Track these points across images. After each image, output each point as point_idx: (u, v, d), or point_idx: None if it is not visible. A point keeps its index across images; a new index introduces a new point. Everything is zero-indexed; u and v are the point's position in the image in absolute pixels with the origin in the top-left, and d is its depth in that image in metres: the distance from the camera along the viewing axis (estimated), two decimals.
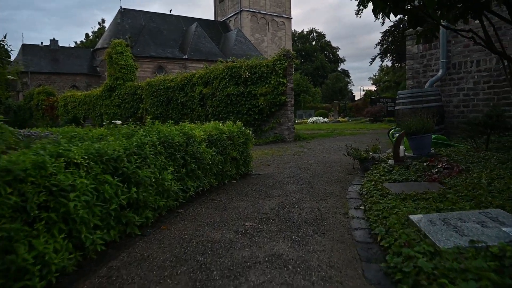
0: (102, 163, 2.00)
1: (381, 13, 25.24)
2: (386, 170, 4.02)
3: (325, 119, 22.75)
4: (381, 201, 2.74)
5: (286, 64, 9.70)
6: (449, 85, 7.30)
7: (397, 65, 34.93)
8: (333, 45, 67.48)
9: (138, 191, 2.22)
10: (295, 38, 61.56)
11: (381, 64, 25.16)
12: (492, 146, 5.19)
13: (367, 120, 17.14)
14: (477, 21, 3.58)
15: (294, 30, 62.60)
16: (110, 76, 15.55)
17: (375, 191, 3.08)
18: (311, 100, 36.22)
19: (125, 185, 2.12)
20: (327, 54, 65.49)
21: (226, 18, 49.50)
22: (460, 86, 7.15)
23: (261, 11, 48.00)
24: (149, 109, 13.72)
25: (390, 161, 4.41)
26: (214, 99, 11.14)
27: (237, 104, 10.57)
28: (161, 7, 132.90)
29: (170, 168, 2.74)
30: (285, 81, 9.73)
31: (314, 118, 22.84)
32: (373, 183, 3.43)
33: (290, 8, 51.16)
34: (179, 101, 12.50)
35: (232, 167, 4.30)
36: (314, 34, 66.77)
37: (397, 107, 7.21)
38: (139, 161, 2.33)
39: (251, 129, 10.06)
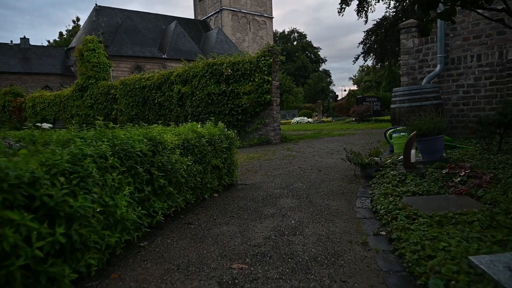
0: (2, 191, 1.25)
1: (364, 12, 25.05)
2: (397, 179, 3.37)
3: (309, 119, 22.22)
4: (412, 227, 2.06)
5: (271, 60, 9.02)
6: (447, 82, 6.77)
7: (378, 66, 34.93)
8: (314, 45, 67.46)
9: (71, 230, 1.47)
10: (277, 38, 61.07)
11: (364, 63, 24.79)
12: (504, 147, 4.65)
13: (353, 120, 16.67)
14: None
15: (276, 30, 62.13)
16: (81, 75, 14.50)
17: (397, 211, 2.41)
18: (294, 100, 35.77)
19: (46, 224, 1.37)
20: (309, 54, 65.36)
21: (206, 17, 48.54)
22: (459, 82, 6.63)
23: (242, 10, 47.28)
24: (123, 110, 12.78)
25: (399, 167, 3.77)
26: (193, 98, 10.34)
27: (218, 104, 9.81)
28: (140, 6, 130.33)
29: (127, 188, 1.98)
30: (270, 79, 9.05)
31: (298, 118, 22.28)
32: (390, 198, 2.76)
33: (271, 8, 50.64)
34: (156, 101, 11.64)
35: (213, 178, 3.56)
36: (295, 34, 66.54)
37: (392, 106, 6.63)
38: (75, 182, 1.58)
39: (234, 130, 9.36)
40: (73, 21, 53.59)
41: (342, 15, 27.16)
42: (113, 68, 33.62)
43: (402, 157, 4.22)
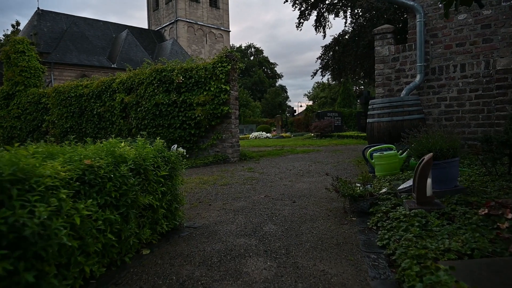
0: None
1: (321, 27, 24.98)
2: (416, 223, 2.31)
3: (268, 134, 21.34)
4: None
5: (229, 67, 7.91)
6: (428, 94, 6.05)
7: (335, 82, 35.22)
8: (271, 61, 67.79)
9: None
10: (234, 53, 60.50)
11: (322, 78, 24.61)
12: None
13: (314, 136, 15.96)
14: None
15: (232, 44, 61.63)
16: (7, 81, 12.44)
17: None
18: (252, 115, 34.96)
19: None
20: (265, 70, 65.49)
21: (161, 27, 46.86)
22: (441, 95, 5.92)
23: (198, 22, 46.21)
24: (56, 121, 10.99)
25: (409, 203, 2.74)
26: (139, 109, 8.92)
27: (168, 116, 8.48)
28: (91, 16, 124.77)
29: None
30: (227, 88, 7.92)
31: (256, 133, 21.32)
32: (428, 263, 1.67)
33: (228, 21, 50.07)
34: (95, 112, 10.04)
35: (143, 225, 2.31)
36: (252, 49, 66.51)
37: (370, 120, 5.76)
38: None
39: (186, 146, 8.02)
40: (13, 26, 49.27)
41: (300, 29, 26.93)
42: (56, 77, 30.90)
43: (403, 185, 3.22)
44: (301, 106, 50.04)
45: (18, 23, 51.08)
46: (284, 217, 3.11)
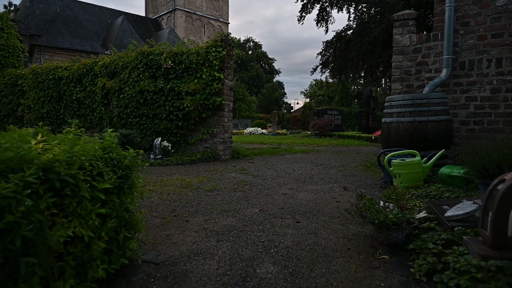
0: None
1: (324, 21, 24.05)
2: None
3: (264, 131, 20.44)
4: None
5: (224, 53, 6.98)
6: (454, 92, 5.18)
7: (335, 79, 34.26)
8: (269, 56, 66.65)
9: None
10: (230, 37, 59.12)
11: (321, 75, 23.76)
12: None
13: (312, 134, 15.08)
14: None
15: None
16: None
17: None
18: (247, 109, 34.01)
19: None
20: (263, 65, 64.37)
21: (158, 15, 45.57)
22: (470, 94, 5.06)
23: (197, 12, 44.99)
24: (32, 106, 9.99)
25: (471, 242, 1.86)
26: (121, 96, 7.96)
27: (153, 105, 7.54)
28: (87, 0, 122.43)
29: None
30: (221, 76, 6.99)
31: (251, 129, 20.40)
32: None
33: (228, 13, 48.87)
34: (74, 97, 9.07)
35: (61, 272, 1.40)
36: (251, 43, 65.28)
37: (386, 120, 4.88)
38: None
39: (172, 139, 7.09)
40: (5, 6, 47.74)
41: (302, 23, 26.17)
42: (46, 60, 29.60)
43: (453, 211, 2.33)
44: (297, 103, 49.11)
45: (10, 4, 49.42)
46: (287, 249, 2.21)
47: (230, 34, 7.18)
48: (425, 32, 5.45)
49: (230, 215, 3.01)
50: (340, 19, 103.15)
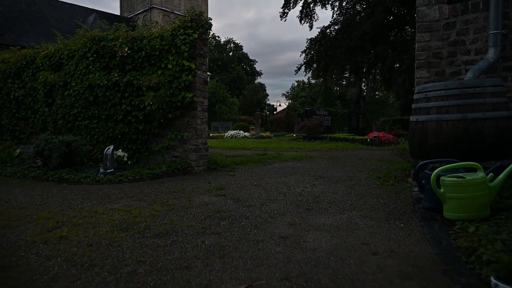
0: None
1: (307, 18, 22.82)
2: None
3: (246, 134, 18.97)
4: None
5: (195, 36, 5.47)
6: (505, 80, 3.83)
7: (314, 81, 33.13)
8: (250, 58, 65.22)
9: None
10: (212, 47, 57.39)
11: (305, 74, 22.54)
12: None
13: (300, 137, 13.69)
14: None
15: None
16: None
17: None
18: (229, 111, 32.42)
19: None
20: (244, 66, 62.89)
21: (134, 14, 43.49)
22: None
23: (175, 11, 43.10)
24: None
25: None
26: (66, 93, 6.32)
27: (106, 104, 5.94)
28: None
29: None
30: (192, 66, 5.47)
31: (232, 132, 18.88)
32: None
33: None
34: (12, 96, 7.36)
35: None
36: (232, 44, 63.71)
37: (419, 118, 3.48)
38: None
39: (132, 147, 5.44)
40: None
41: (285, 20, 24.78)
42: None
43: None
44: (280, 105, 47.86)
45: None
46: None
47: (204, 13, 5.57)
48: (459, 3, 4.08)
49: None
50: (324, 18, 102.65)
